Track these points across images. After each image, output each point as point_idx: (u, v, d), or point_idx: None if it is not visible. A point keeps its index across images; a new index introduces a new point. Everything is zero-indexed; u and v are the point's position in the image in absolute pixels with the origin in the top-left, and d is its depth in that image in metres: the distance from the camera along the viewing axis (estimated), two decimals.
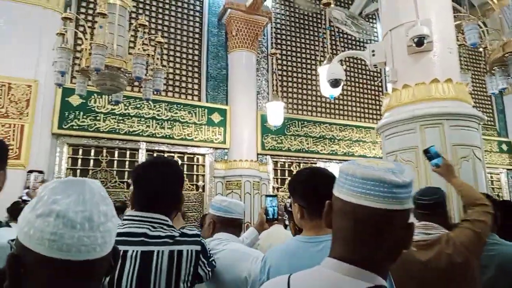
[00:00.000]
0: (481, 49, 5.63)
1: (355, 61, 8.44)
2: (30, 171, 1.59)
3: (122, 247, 1.22)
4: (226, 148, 6.82)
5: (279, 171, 7.35)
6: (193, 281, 1.30)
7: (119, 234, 1.35)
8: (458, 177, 2.23)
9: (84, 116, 5.87)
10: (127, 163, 6.15)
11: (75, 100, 5.77)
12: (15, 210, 3.36)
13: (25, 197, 1.68)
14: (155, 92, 4.38)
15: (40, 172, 1.62)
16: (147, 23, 4.16)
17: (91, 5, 6.24)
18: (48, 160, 5.48)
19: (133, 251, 1.24)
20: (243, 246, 1.63)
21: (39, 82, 5.34)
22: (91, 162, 5.95)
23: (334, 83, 3.63)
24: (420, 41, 2.93)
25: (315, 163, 7.53)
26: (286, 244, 1.42)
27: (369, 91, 8.56)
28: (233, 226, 1.73)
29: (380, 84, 8.60)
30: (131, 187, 1.42)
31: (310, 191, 1.37)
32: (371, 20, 8.63)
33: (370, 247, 0.75)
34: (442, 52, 3.12)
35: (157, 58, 4.27)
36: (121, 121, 6.09)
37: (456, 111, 2.89)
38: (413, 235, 1.95)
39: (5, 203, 3.44)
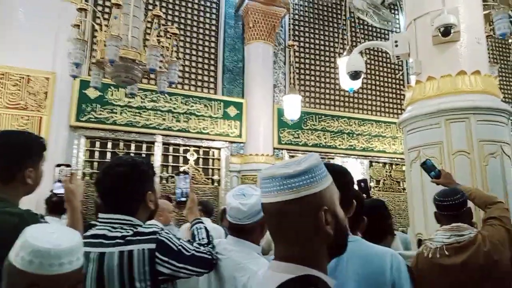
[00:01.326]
0: (510, 40, 5.36)
1: (376, 53, 8.20)
2: (58, 165, 1.62)
3: (86, 249, 1.27)
4: (242, 142, 6.74)
5: None
6: (154, 279, 1.28)
7: (87, 237, 1.35)
8: (459, 183, 2.24)
9: (101, 109, 5.89)
10: (143, 156, 6.14)
11: (92, 93, 5.78)
12: (49, 203, 3.31)
13: (56, 191, 1.69)
14: (170, 85, 4.32)
15: (68, 165, 1.64)
16: (162, 14, 4.09)
17: None
18: (66, 153, 5.53)
19: (94, 253, 1.29)
20: (246, 257, 1.48)
21: (57, 75, 5.37)
22: (108, 154, 5.97)
23: (354, 75, 3.50)
24: (446, 30, 2.76)
25: (333, 159, 7.38)
26: None
27: (390, 84, 8.32)
28: (242, 232, 1.53)
29: (401, 77, 8.34)
30: None
31: None
32: (392, 10, 8.35)
33: (287, 240, 0.77)
34: (469, 42, 2.94)
35: (172, 50, 4.20)
36: (138, 114, 6.08)
37: (484, 105, 2.72)
38: (443, 237, 1.88)
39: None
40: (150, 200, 1.42)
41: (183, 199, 1.78)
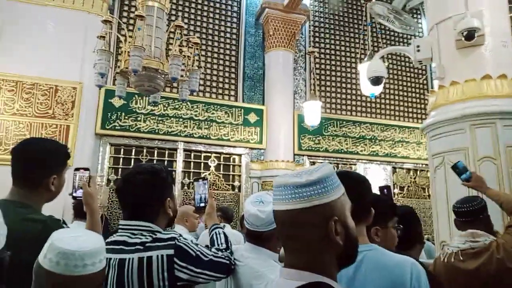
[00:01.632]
0: None
1: (398, 57, 8.09)
2: (77, 169, 1.65)
3: (107, 255, 1.30)
4: (262, 149, 6.76)
5: None
6: (173, 284, 1.30)
7: (108, 243, 1.37)
8: (490, 187, 2.22)
9: (126, 117, 6.05)
10: (166, 162, 6.25)
11: (117, 101, 5.96)
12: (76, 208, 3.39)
13: (76, 194, 1.72)
14: (192, 93, 4.39)
15: (86, 169, 1.67)
16: (184, 25, 4.18)
17: (133, 9, 6.42)
18: (92, 159, 5.70)
19: (114, 259, 1.32)
20: (263, 265, 1.47)
21: (84, 84, 5.56)
22: (132, 161, 6.11)
23: (375, 80, 3.47)
24: (470, 34, 2.71)
25: (355, 164, 7.30)
26: None
27: (413, 89, 8.18)
28: (260, 239, 1.54)
29: (425, 81, 8.18)
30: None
31: None
32: (415, 15, 8.23)
33: (297, 248, 0.79)
34: (495, 46, 2.87)
35: (194, 59, 4.28)
36: (161, 122, 6.21)
37: (510, 110, 2.64)
38: (459, 243, 1.94)
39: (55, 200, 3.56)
40: (169, 207, 1.45)
41: (202, 204, 1.79)
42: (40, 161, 1.45)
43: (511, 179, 2.56)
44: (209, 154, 6.52)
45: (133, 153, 6.14)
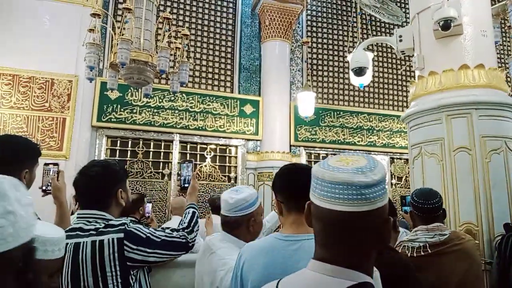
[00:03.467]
0: None
1: None
2: (46, 164, 1.76)
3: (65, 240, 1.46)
4: (258, 140, 6.80)
5: (312, 163, 7.20)
6: (123, 265, 1.40)
7: (66, 231, 1.47)
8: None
9: (122, 109, 6.12)
10: (162, 154, 6.35)
11: (112, 94, 6.03)
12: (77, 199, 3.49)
13: (45, 187, 1.84)
14: (184, 85, 4.43)
15: (55, 164, 1.77)
16: (171, 16, 4.22)
17: (127, 2, 6.43)
18: (88, 152, 5.80)
19: (70, 243, 1.43)
20: (228, 252, 1.56)
21: (79, 77, 5.64)
22: (128, 153, 6.20)
23: (359, 71, 3.47)
24: (446, 24, 2.69)
25: None
26: (263, 240, 1.39)
27: (411, 78, 8.09)
28: (228, 225, 1.67)
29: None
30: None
31: (286, 186, 1.34)
32: (403, 5, 8.09)
33: (348, 248, 0.74)
34: (474, 35, 2.85)
35: (183, 51, 4.32)
36: (156, 114, 6.27)
37: (486, 100, 2.64)
38: (426, 237, 2.06)
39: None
40: (121, 197, 1.57)
41: (186, 185, 1.91)
42: (15, 153, 1.54)
43: (485, 169, 2.57)
44: (205, 146, 6.58)
45: (129, 145, 6.22)
